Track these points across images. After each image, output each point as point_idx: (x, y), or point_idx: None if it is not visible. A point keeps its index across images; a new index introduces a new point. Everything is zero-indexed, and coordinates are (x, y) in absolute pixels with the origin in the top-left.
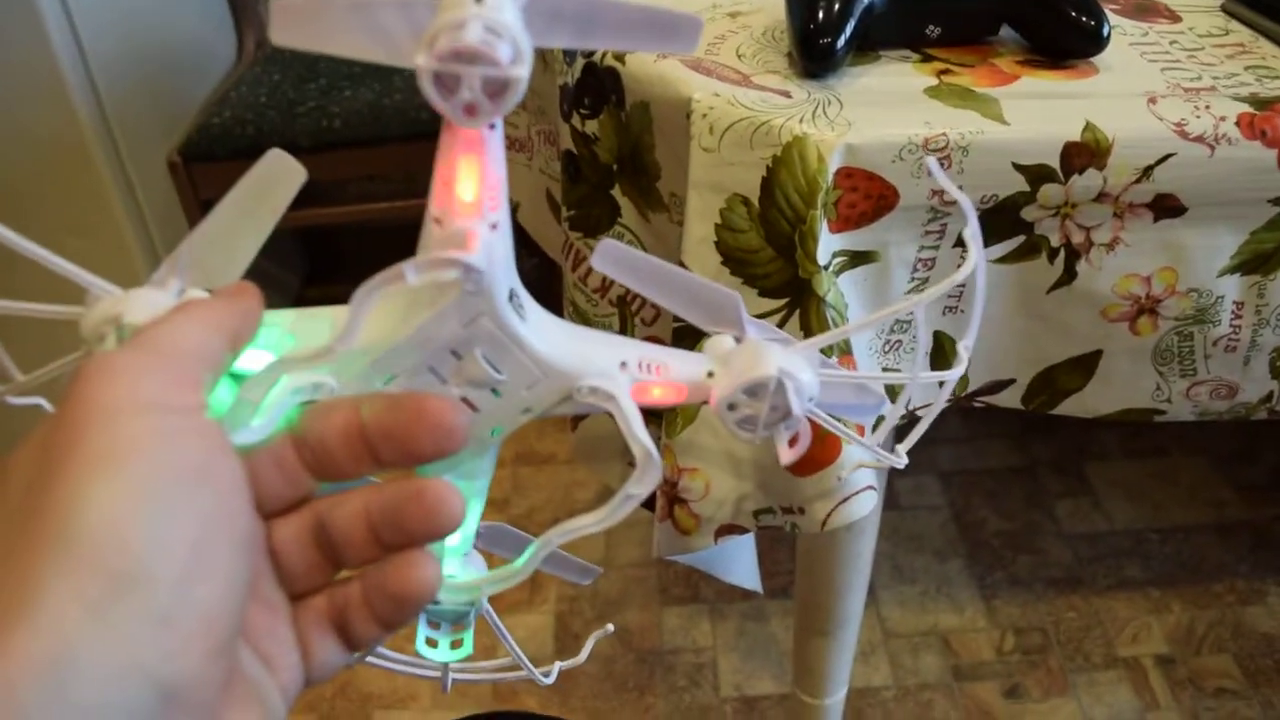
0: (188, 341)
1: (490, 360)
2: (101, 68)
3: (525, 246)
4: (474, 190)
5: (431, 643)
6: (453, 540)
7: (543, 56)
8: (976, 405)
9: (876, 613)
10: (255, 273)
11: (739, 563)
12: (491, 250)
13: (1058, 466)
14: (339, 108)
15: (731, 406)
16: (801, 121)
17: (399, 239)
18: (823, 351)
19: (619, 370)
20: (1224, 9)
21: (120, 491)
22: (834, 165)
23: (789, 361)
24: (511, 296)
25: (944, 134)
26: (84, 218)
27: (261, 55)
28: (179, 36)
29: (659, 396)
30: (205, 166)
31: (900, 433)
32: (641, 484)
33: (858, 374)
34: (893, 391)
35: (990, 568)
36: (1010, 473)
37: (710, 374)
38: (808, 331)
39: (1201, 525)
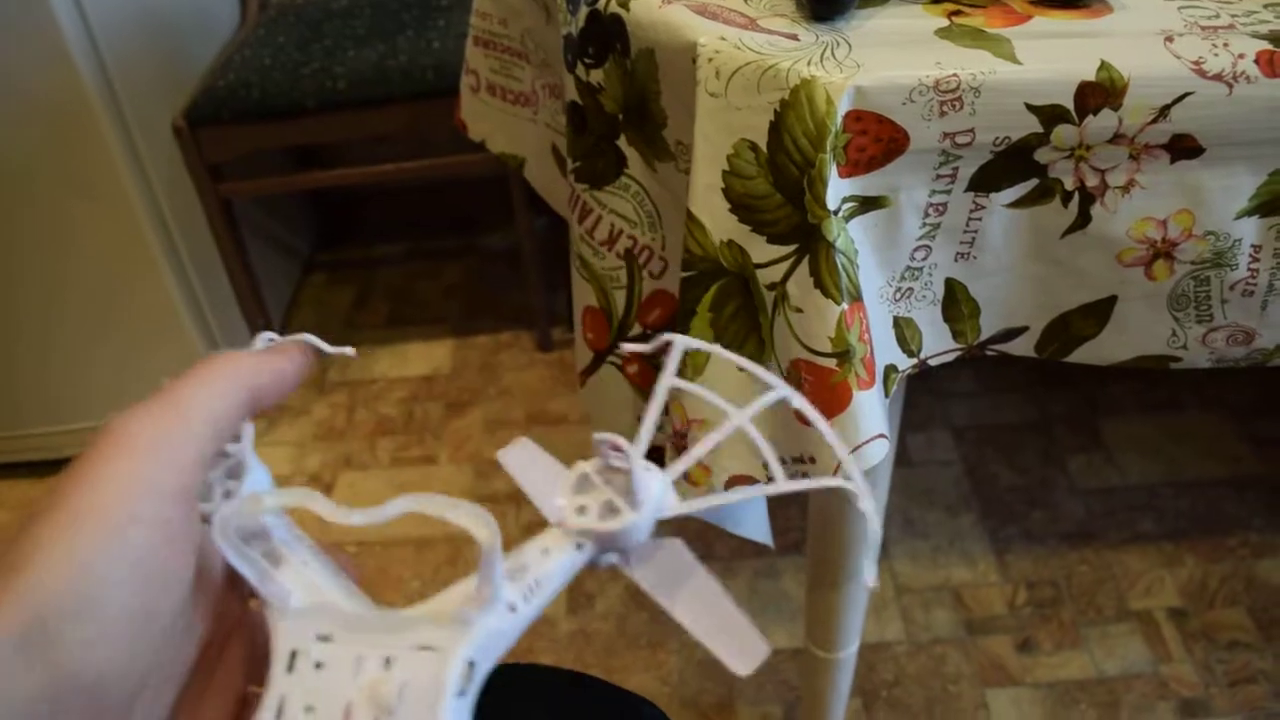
0: (200, 411)
1: (402, 695)
2: (105, 31)
3: (534, 204)
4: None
5: None
6: None
7: (546, 7)
8: (989, 353)
9: (889, 568)
10: (265, 236)
11: (749, 515)
12: (496, 612)
13: (1071, 422)
14: (343, 68)
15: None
16: (809, 64)
17: (406, 201)
18: (829, 295)
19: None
20: None
21: (77, 573)
22: (843, 108)
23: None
24: (471, 666)
25: (955, 75)
26: (89, 182)
27: (265, 17)
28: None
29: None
30: (210, 129)
31: (911, 383)
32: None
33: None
34: (910, 341)
35: (1003, 522)
36: (1023, 428)
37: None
38: (817, 280)
39: (1216, 480)
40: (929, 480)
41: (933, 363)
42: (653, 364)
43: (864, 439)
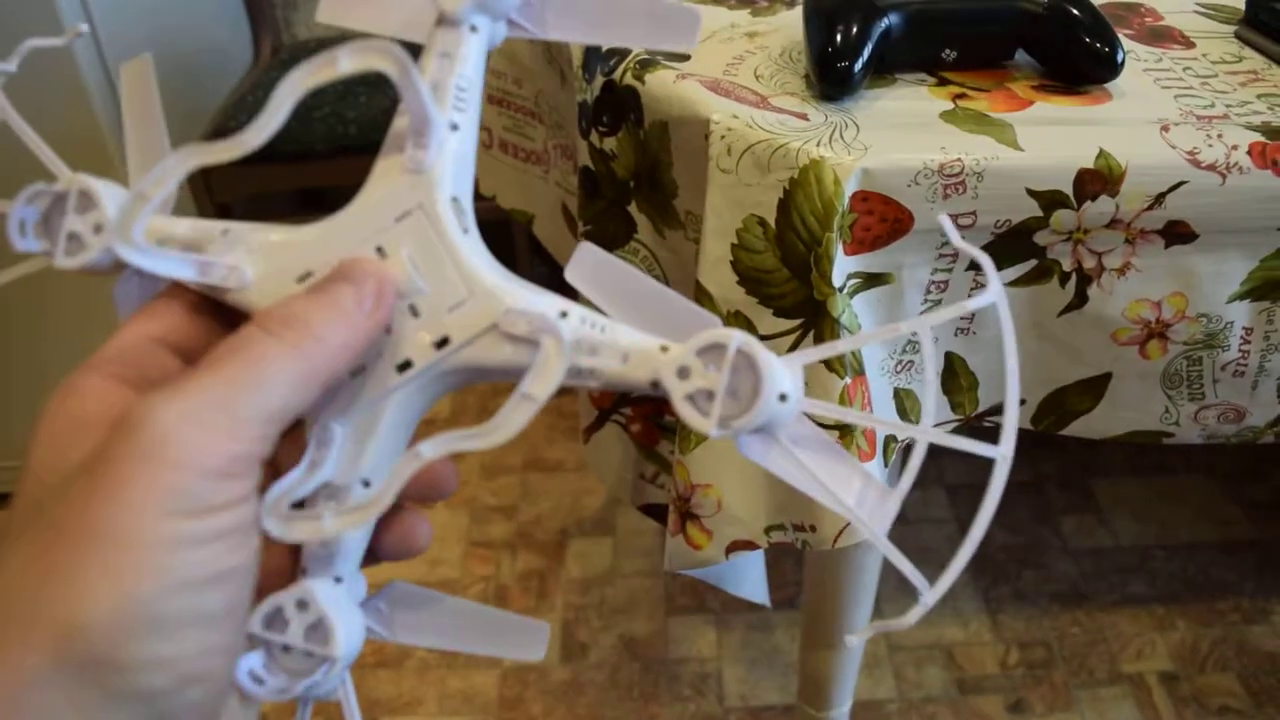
0: (269, 404)
1: (416, 266)
2: (121, 70)
3: (536, 252)
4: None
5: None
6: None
7: (561, 73)
8: (987, 424)
9: None
10: None
11: (748, 576)
12: (444, 143)
13: (1064, 482)
14: (354, 113)
15: (683, 373)
16: (818, 145)
17: None
18: (833, 370)
19: (558, 317)
20: (1237, 35)
21: (125, 602)
22: (850, 189)
23: (761, 348)
24: (455, 202)
25: (959, 159)
26: None
27: (278, 60)
28: (197, 40)
29: (595, 364)
30: (221, 169)
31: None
32: (538, 383)
33: (845, 411)
34: (910, 413)
35: (995, 582)
36: (1017, 487)
37: (664, 348)
38: None
39: (1207, 543)
40: (923, 538)
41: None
42: (656, 423)
43: None
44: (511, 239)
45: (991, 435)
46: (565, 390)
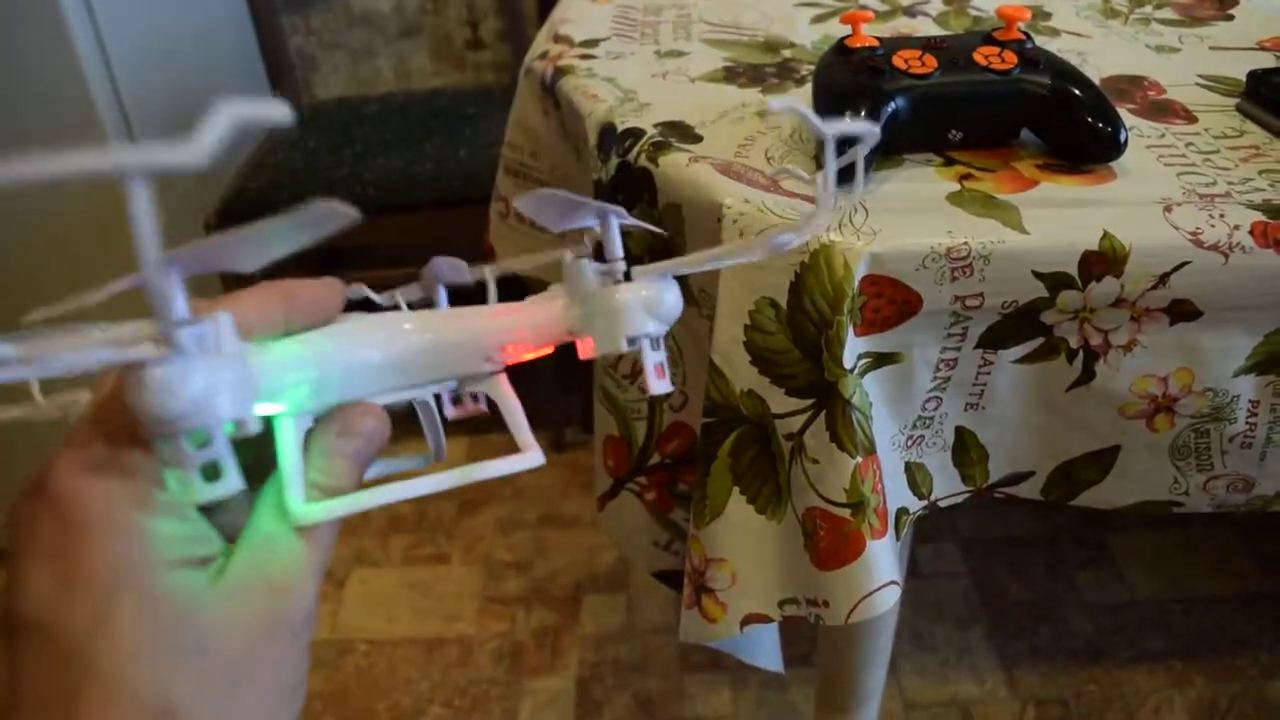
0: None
1: None
2: (145, 133)
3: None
4: None
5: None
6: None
7: (576, 149)
8: (997, 495)
9: (897, 682)
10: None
11: (762, 646)
12: None
13: (1079, 536)
14: (372, 174)
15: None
16: (828, 230)
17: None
18: (844, 449)
19: (485, 364)
20: (1238, 109)
21: (180, 673)
22: (860, 273)
23: (649, 297)
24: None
25: (966, 243)
26: (124, 272)
27: (297, 119)
28: (217, 99)
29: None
30: None
31: (920, 524)
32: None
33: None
34: (921, 485)
35: (1011, 637)
36: (1031, 541)
37: (570, 331)
38: (834, 434)
39: (1224, 597)
40: (937, 593)
41: (943, 504)
42: (670, 491)
43: (876, 586)
44: (524, 297)
45: (1002, 505)
46: (580, 445)
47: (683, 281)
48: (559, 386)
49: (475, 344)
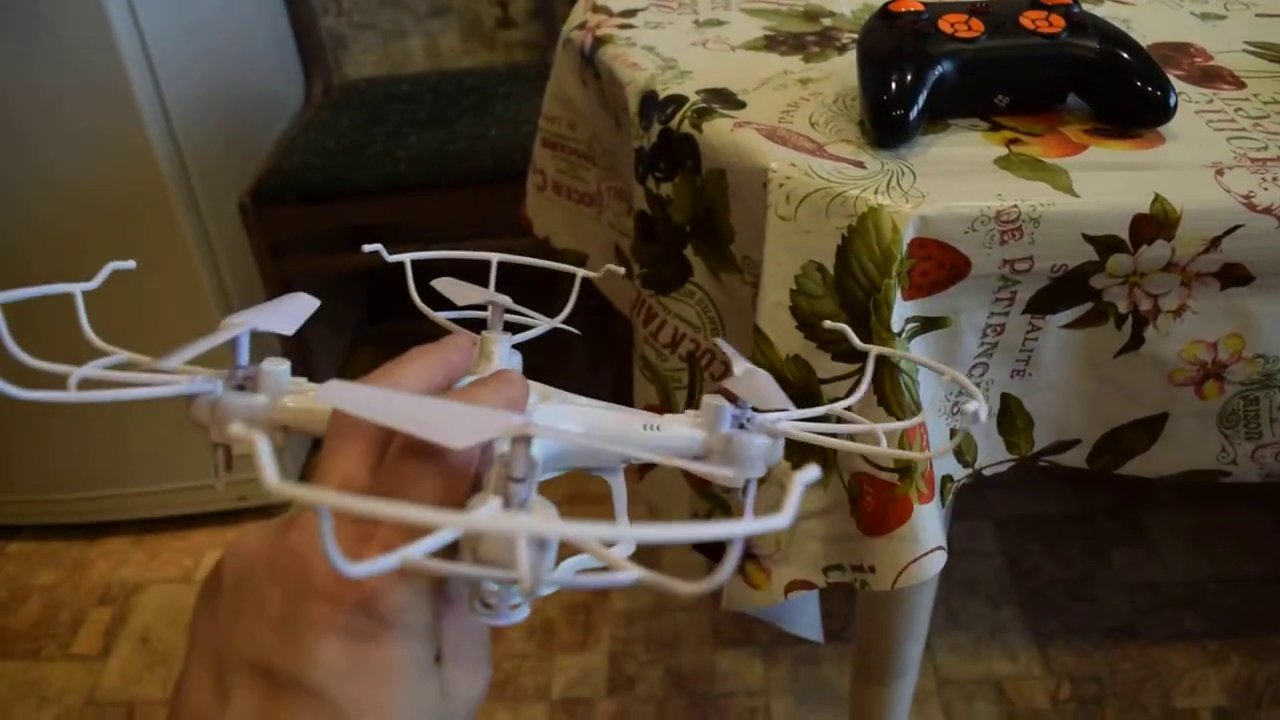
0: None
1: None
2: (180, 113)
3: (595, 293)
4: None
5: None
6: None
7: (616, 118)
8: (1041, 464)
9: (930, 659)
10: (318, 309)
11: (802, 614)
12: None
13: (1115, 514)
14: (404, 153)
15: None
16: (876, 193)
17: (457, 278)
18: (894, 414)
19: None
20: None
21: None
22: (908, 236)
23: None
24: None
25: (1015, 206)
26: (159, 257)
27: (329, 100)
28: (252, 82)
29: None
30: (274, 209)
31: (962, 493)
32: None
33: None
34: (966, 452)
35: (1046, 615)
36: (1066, 519)
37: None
38: (881, 398)
39: (1261, 576)
40: (971, 571)
41: (987, 473)
42: None
43: (923, 551)
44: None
45: (1046, 474)
46: None
47: (725, 251)
48: (589, 363)
49: (627, 446)
